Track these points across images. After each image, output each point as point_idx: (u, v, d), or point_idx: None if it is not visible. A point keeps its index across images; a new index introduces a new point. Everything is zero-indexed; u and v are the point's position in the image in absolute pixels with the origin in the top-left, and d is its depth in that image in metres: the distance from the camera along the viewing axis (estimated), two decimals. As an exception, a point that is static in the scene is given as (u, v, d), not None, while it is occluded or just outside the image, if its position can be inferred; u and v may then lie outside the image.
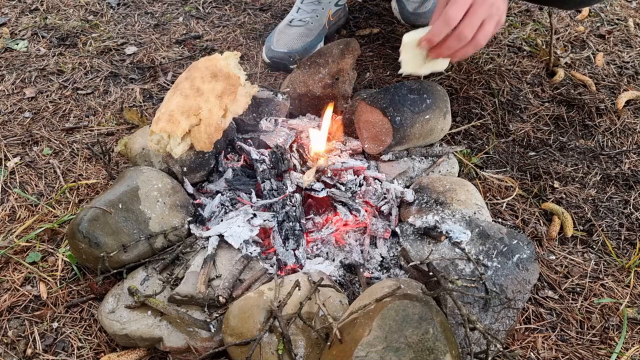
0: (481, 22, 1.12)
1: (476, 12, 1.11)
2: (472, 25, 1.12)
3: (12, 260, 1.21)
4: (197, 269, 1.11)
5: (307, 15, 1.74)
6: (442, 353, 0.89)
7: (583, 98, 1.63)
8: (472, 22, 1.11)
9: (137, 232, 1.13)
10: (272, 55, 1.71)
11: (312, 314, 0.99)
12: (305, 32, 1.73)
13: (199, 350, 1.02)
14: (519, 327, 1.12)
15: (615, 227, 1.32)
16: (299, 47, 1.70)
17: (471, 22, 1.11)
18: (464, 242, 1.11)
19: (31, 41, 1.85)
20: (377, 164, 1.35)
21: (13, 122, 1.55)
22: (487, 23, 1.13)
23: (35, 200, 1.34)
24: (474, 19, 1.11)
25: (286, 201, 1.21)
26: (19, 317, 1.13)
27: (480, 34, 1.13)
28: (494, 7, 1.12)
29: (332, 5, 1.76)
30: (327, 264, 1.15)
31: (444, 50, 1.16)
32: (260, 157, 1.29)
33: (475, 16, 1.11)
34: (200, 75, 1.26)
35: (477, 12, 1.11)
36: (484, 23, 1.13)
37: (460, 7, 1.11)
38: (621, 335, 1.11)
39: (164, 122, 1.20)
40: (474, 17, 1.11)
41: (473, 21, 1.11)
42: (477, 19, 1.11)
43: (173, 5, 2.04)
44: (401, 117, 1.29)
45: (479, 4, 1.11)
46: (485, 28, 1.13)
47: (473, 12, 1.11)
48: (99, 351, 1.08)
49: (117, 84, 1.69)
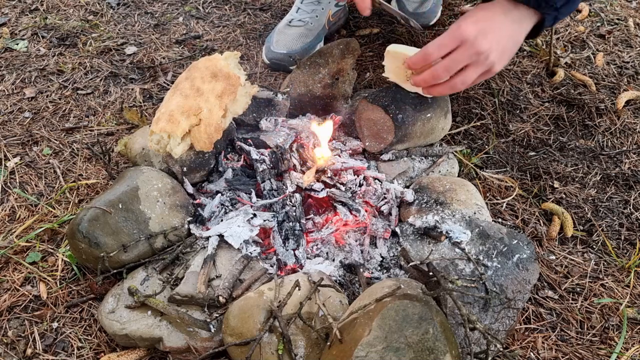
0: (462, 66, 1.09)
1: (457, 57, 1.08)
2: (448, 68, 1.09)
3: (12, 260, 1.21)
4: (197, 269, 1.11)
5: (306, 15, 1.74)
6: (442, 353, 0.89)
7: (583, 98, 1.63)
8: (449, 65, 1.08)
9: (137, 232, 1.13)
10: (271, 56, 1.71)
11: (312, 314, 0.99)
12: (304, 33, 1.73)
13: (199, 350, 1.02)
14: (519, 327, 1.12)
15: (615, 227, 1.32)
16: (298, 48, 1.70)
17: (448, 65, 1.08)
18: (464, 242, 1.11)
19: (31, 41, 1.85)
20: (377, 164, 1.35)
21: (13, 122, 1.55)
22: (470, 70, 1.09)
23: (35, 200, 1.34)
24: (452, 63, 1.08)
25: (286, 201, 1.21)
26: (19, 317, 1.13)
27: (458, 79, 1.11)
28: (482, 56, 1.07)
29: (332, 6, 1.76)
30: (327, 264, 1.15)
31: (420, 80, 1.14)
32: (260, 157, 1.29)
33: (455, 60, 1.08)
34: (200, 75, 1.26)
35: (458, 57, 1.08)
36: (466, 69, 1.09)
37: (442, 47, 1.08)
38: (621, 335, 1.11)
39: (164, 122, 1.20)
40: (453, 62, 1.08)
41: (450, 64, 1.08)
42: (456, 64, 1.08)
43: (173, 5, 2.04)
44: (403, 115, 1.29)
45: (464, 49, 1.07)
46: (465, 74, 1.10)
47: (454, 55, 1.08)
48: (99, 351, 1.08)
49: (117, 84, 1.69)
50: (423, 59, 1.11)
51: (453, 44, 1.07)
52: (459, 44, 1.07)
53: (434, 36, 1.29)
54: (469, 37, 1.06)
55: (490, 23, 1.08)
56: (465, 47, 1.06)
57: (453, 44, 1.07)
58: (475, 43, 1.06)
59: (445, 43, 1.07)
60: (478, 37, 1.06)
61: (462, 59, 1.07)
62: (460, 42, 1.07)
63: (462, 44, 1.07)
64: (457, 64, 1.08)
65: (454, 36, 1.07)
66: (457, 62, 1.08)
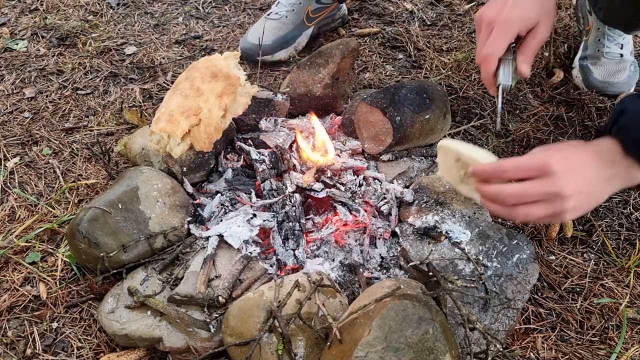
0: (532, 200, 0.93)
1: (533, 189, 0.92)
2: (517, 197, 0.94)
3: (11, 260, 1.21)
4: (196, 269, 1.11)
5: (284, 9, 1.76)
6: (441, 353, 0.89)
7: (582, 98, 1.63)
8: (520, 194, 0.93)
9: (136, 232, 1.13)
10: (243, 45, 1.73)
11: (311, 314, 0.99)
12: (278, 26, 1.74)
13: (198, 351, 1.02)
14: (518, 327, 1.12)
15: (614, 227, 1.32)
16: (269, 41, 1.71)
17: (518, 194, 0.93)
18: (463, 242, 1.11)
19: (31, 41, 1.85)
20: (376, 164, 1.35)
21: (13, 122, 1.55)
22: (539, 207, 0.93)
23: (35, 200, 1.34)
24: (524, 194, 0.93)
25: (286, 201, 1.21)
26: (19, 317, 1.13)
27: (520, 210, 0.94)
28: (558, 198, 0.91)
29: (313, 2, 1.76)
30: (327, 264, 1.15)
31: (484, 193, 0.99)
32: (260, 157, 1.29)
33: (527, 192, 0.93)
34: (200, 75, 1.26)
35: (534, 190, 0.92)
36: (534, 205, 0.93)
37: (520, 170, 0.94)
38: (621, 335, 1.11)
39: (164, 122, 1.20)
40: (526, 193, 0.93)
41: (521, 195, 0.93)
42: (528, 196, 0.93)
43: (173, 5, 2.04)
44: (401, 117, 1.29)
45: (543, 184, 0.91)
46: (532, 208, 0.93)
47: (529, 186, 0.92)
48: (99, 351, 1.08)
49: (117, 84, 1.69)
50: (495, 173, 0.96)
51: (534, 173, 0.93)
52: (540, 175, 0.92)
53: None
54: (555, 173, 0.91)
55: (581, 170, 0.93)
56: (545, 182, 0.92)
57: (534, 173, 0.93)
58: (559, 183, 0.91)
59: (526, 168, 0.93)
60: (564, 177, 0.91)
61: (537, 194, 0.92)
62: (543, 174, 0.92)
63: (544, 176, 0.92)
64: (529, 197, 0.93)
65: (538, 166, 0.92)
66: (529, 195, 0.93)
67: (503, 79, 1.09)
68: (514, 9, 1.08)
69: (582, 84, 1.66)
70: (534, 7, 1.09)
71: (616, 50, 1.64)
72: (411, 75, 1.74)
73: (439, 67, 1.75)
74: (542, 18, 1.09)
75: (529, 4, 1.09)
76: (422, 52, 1.83)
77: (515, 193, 0.93)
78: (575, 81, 1.69)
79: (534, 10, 1.09)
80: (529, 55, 1.11)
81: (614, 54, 1.64)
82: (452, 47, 1.85)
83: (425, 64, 1.77)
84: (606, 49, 1.64)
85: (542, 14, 1.09)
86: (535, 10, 1.09)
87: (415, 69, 1.76)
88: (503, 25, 1.08)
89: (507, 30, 1.09)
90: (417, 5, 2.06)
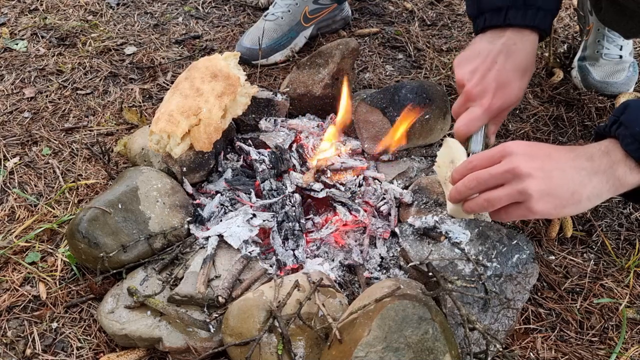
0: (495, 184, 0.91)
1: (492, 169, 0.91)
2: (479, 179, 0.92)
3: (11, 260, 1.21)
4: (196, 269, 1.10)
5: (280, 10, 1.76)
6: (441, 353, 0.89)
7: (582, 98, 1.63)
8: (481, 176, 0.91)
9: (136, 232, 1.13)
10: (238, 49, 1.73)
11: (311, 314, 0.99)
12: (274, 28, 1.74)
13: (198, 351, 1.02)
14: (518, 327, 1.12)
15: (614, 227, 1.32)
16: (264, 45, 1.70)
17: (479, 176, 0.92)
18: (463, 242, 1.11)
19: (30, 41, 1.85)
20: (376, 164, 1.35)
21: (12, 122, 1.55)
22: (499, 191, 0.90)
23: (35, 200, 1.33)
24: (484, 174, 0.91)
25: (286, 201, 1.21)
26: (18, 317, 1.13)
27: (484, 195, 0.92)
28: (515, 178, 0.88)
29: (310, 2, 1.76)
30: (327, 264, 1.15)
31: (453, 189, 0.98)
32: (259, 157, 1.29)
33: (488, 172, 0.91)
34: (200, 75, 1.26)
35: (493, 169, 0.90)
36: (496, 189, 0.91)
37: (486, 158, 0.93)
38: (620, 335, 1.11)
39: (164, 122, 1.20)
40: (486, 173, 0.91)
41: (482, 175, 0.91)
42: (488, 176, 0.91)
43: (172, 5, 2.04)
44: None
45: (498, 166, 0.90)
46: (492, 194, 0.91)
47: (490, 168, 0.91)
48: (99, 351, 1.08)
49: (117, 84, 1.69)
50: (464, 168, 0.95)
51: (496, 159, 0.91)
52: (500, 157, 0.91)
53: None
54: (513, 153, 0.89)
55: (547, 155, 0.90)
56: (502, 163, 0.89)
57: (496, 159, 0.91)
58: (514, 160, 0.88)
59: (488, 156, 0.93)
60: (521, 156, 0.88)
61: (494, 175, 0.90)
62: (502, 157, 0.90)
63: (502, 158, 0.90)
64: (489, 177, 0.90)
65: (499, 150, 0.91)
66: (490, 175, 0.90)
67: (474, 147, 1.09)
68: (498, 97, 1.04)
69: (580, 84, 1.66)
70: (519, 93, 1.07)
71: (615, 52, 1.64)
72: (411, 75, 1.74)
73: (439, 67, 1.75)
74: (520, 93, 1.08)
75: (517, 90, 1.07)
76: (422, 52, 1.83)
77: (473, 177, 0.92)
78: (574, 81, 1.70)
79: (518, 96, 1.07)
80: (498, 124, 1.14)
81: (612, 55, 1.64)
82: (452, 47, 1.85)
83: (425, 64, 1.77)
84: (605, 50, 1.64)
85: (522, 90, 1.08)
86: (518, 95, 1.07)
87: (415, 69, 1.77)
88: (486, 111, 1.05)
89: (487, 116, 1.06)
90: (417, 5, 2.06)
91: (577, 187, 0.87)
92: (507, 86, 1.06)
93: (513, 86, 1.07)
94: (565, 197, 0.88)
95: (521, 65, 1.08)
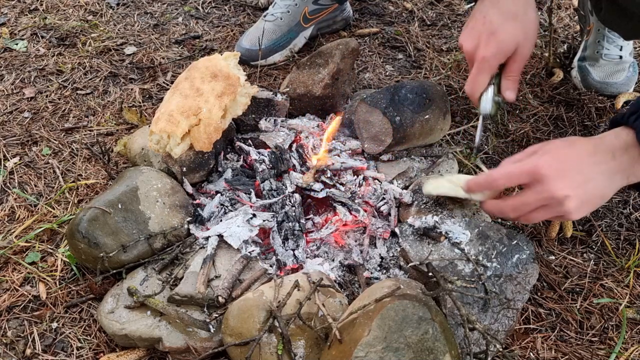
0: (532, 209, 0.94)
1: (528, 199, 0.93)
2: (517, 210, 0.96)
3: (11, 260, 1.21)
4: (196, 269, 1.10)
5: (279, 11, 1.75)
6: (441, 353, 0.89)
7: (582, 98, 1.63)
8: (519, 207, 0.95)
9: (136, 232, 1.13)
10: (237, 50, 1.73)
11: (311, 314, 0.99)
12: (273, 29, 1.73)
13: (198, 351, 1.02)
14: (518, 327, 1.12)
15: (614, 227, 1.32)
16: (263, 45, 1.70)
17: (517, 207, 0.95)
18: (463, 242, 1.11)
19: (30, 41, 1.84)
20: (376, 164, 1.35)
21: (12, 122, 1.55)
22: (539, 213, 0.94)
23: (35, 200, 1.33)
24: (522, 206, 0.95)
25: (286, 201, 1.21)
26: (18, 317, 1.13)
27: (524, 219, 0.97)
28: (554, 202, 0.91)
29: (309, 3, 1.76)
30: (327, 264, 1.15)
31: (487, 209, 1.03)
32: (259, 157, 1.29)
33: (525, 204, 0.94)
34: (200, 75, 1.26)
35: (529, 200, 0.93)
36: (535, 212, 0.94)
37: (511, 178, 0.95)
38: (620, 335, 1.11)
39: (164, 122, 1.20)
40: (523, 205, 0.94)
41: (520, 207, 0.95)
42: (526, 207, 0.94)
43: (172, 5, 2.04)
44: (401, 117, 1.29)
45: (534, 194, 0.92)
46: (532, 216, 0.95)
47: (524, 198, 0.94)
48: (98, 351, 1.08)
49: (117, 84, 1.69)
50: (487, 184, 0.99)
51: (525, 179, 0.93)
52: (531, 181, 0.92)
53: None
54: (545, 177, 0.90)
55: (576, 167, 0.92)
56: (537, 190, 0.91)
57: (525, 179, 0.93)
58: (550, 188, 0.90)
59: (515, 175, 0.94)
60: (555, 180, 0.90)
61: (533, 203, 0.93)
62: (534, 181, 0.92)
63: (535, 184, 0.91)
64: (527, 207, 0.94)
65: (528, 171, 0.92)
66: (527, 205, 0.94)
67: (483, 107, 1.10)
68: (489, 45, 1.07)
69: (580, 85, 1.66)
70: (511, 37, 1.07)
71: (615, 52, 1.64)
72: (411, 75, 1.74)
73: (439, 67, 1.75)
74: (520, 42, 1.08)
75: (506, 34, 1.07)
76: (421, 52, 1.83)
77: (515, 207, 0.96)
78: (574, 81, 1.70)
79: (511, 40, 1.07)
80: (512, 79, 1.12)
81: (612, 55, 1.64)
82: (452, 47, 1.85)
83: (425, 64, 1.77)
84: (605, 50, 1.64)
85: (521, 39, 1.08)
86: (513, 39, 1.07)
87: (415, 69, 1.77)
88: (480, 63, 1.08)
89: (484, 68, 1.08)
90: (417, 5, 2.06)
91: (606, 190, 0.94)
92: (496, 32, 1.07)
93: (503, 30, 1.07)
94: (597, 202, 0.96)
95: (510, 10, 1.08)
